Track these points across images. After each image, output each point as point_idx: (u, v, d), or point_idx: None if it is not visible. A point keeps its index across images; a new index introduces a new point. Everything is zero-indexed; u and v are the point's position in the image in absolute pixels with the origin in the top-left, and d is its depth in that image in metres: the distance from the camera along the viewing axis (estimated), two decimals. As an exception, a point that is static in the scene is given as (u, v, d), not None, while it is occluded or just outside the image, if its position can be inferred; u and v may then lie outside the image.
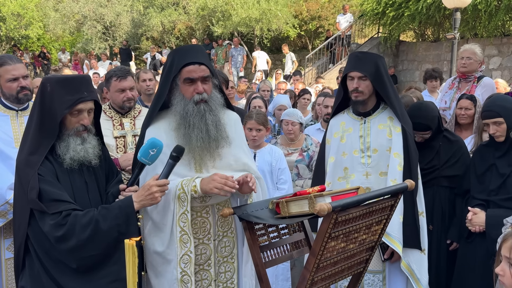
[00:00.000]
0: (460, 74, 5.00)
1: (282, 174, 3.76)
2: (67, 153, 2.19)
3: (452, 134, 3.49)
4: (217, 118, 2.44)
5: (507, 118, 2.98)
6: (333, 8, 17.97)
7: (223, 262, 2.53)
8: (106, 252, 2.14)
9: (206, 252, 2.48)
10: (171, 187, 2.35)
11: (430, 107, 3.34)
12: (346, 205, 1.95)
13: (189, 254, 2.37)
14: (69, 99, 2.16)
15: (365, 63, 2.87)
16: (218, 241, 2.51)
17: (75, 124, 2.21)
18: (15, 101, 3.01)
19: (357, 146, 2.96)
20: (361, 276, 2.44)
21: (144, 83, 4.98)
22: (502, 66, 11.78)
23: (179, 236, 2.36)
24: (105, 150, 2.48)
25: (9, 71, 2.95)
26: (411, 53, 14.45)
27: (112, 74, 3.32)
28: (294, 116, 4.17)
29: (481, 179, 3.10)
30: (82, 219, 2.10)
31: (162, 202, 2.34)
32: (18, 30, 22.07)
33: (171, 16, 19.49)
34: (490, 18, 11.43)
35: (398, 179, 2.75)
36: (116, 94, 3.28)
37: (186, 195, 2.34)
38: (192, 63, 2.40)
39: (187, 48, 2.54)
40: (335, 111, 3.16)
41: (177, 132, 2.42)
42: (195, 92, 2.40)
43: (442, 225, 3.28)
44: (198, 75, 2.40)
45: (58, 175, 2.19)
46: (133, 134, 3.31)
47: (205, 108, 2.41)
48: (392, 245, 2.77)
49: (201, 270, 2.47)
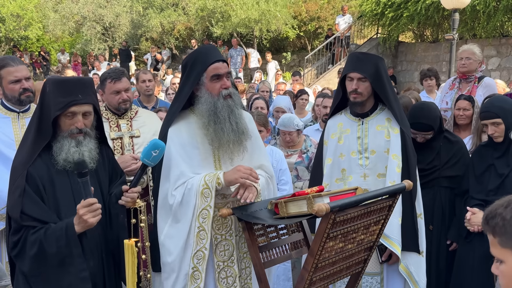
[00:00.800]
0: (460, 75, 5.00)
1: (283, 175, 3.76)
2: (60, 154, 2.20)
3: (453, 135, 3.49)
4: (240, 112, 2.57)
5: (505, 119, 3.00)
6: (332, 9, 17.99)
7: (243, 258, 2.58)
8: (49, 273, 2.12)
9: (229, 248, 2.52)
10: (193, 183, 2.43)
11: (432, 108, 3.34)
12: (344, 205, 1.96)
13: (204, 251, 2.42)
14: (62, 101, 2.18)
15: (365, 64, 2.85)
16: (239, 237, 2.56)
17: (70, 127, 2.22)
18: (17, 102, 3.01)
19: (354, 147, 2.93)
20: (359, 276, 2.45)
21: (144, 83, 4.99)
22: (501, 66, 11.80)
23: (197, 232, 2.42)
24: (109, 151, 2.49)
25: (11, 72, 2.95)
26: (410, 53, 14.47)
27: (107, 76, 3.29)
28: (290, 126, 4.11)
29: (479, 179, 3.11)
30: (30, 237, 2.10)
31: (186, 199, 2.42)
32: (18, 31, 22.06)
33: (171, 17, 19.49)
34: (489, 19, 11.45)
35: (396, 181, 2.73)
36: (111, 96, 3.26)
37: (210, 190, 2.41)
38: (217, 61, 2.51)
39: (208, 48, 2.69)
40: (333, 111, 3.15)
41: (207, 129, 2.50)
42: (222, 88, 2.50)
43: (442, 226, 3.28)
44: (224, 71, 2.52)
45: (54, 176, 2.20)
46: (130, 135, 3.29)
47: (232, 103, 2.52)
48: (391, 247, 2.76)
49: (226, 266, 2.51)
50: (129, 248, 1.49)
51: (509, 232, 1.17)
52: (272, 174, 2.73)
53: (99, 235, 2.29)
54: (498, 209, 1.21)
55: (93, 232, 2.23)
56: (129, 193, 2.25)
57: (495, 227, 1.20)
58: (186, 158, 2.49)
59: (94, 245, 2.26)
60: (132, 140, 3.27)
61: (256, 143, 2.68)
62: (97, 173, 2.35)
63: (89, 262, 2.18)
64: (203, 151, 2.53)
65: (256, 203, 2.45)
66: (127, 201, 2.25)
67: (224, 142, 2.48)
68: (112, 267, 2.35)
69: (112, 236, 2.32)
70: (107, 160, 2.42)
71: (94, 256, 2.26)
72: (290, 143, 4.18)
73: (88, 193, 2.09)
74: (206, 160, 2.53)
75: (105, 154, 2.42)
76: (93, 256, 2.24)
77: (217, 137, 2.48)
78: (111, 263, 2.35)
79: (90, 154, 2.25)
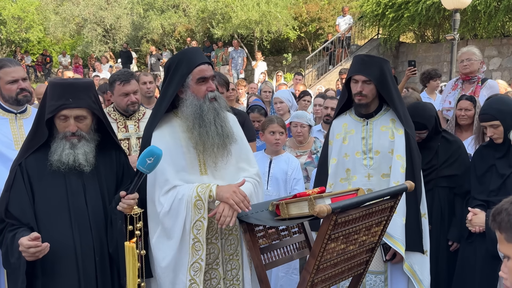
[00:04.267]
0: (463, 76, 5.02)
1: (296, 184, 3.69)
2: (54, 155, 2.24)
3: (451, 135, 3.51)
4: (226, 115, 2.53)
5: (504, 121, 3.00)
6: (333, 10, 18.00)
7: (229, 260, 2.55)
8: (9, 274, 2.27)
9: (214, 251, 2.50)
10: (185, 191, 2.37)
11: (427, 107, 3.36)
12: (346, 206, 1.96)
13: (200, 262, 2.38)
14: (53, 104, 2.23)
15: (370, 67, 2.86)
16: (225, 240, 2.53)
17: (64, 129, 2.27)
18: (15, 103, 3.04)
19: (359, 147, 2.95)
20: (361, 277, 2.44)
21: (145, 85, 4.98)
22: (502, 66, 11.78)
23: (192, 244, 2.37)
24: (122, 155, 2.49)
25: (9, 73, 2.99)
26: (411, 54, 14.45)
27: (116, 78, 3.34)
28: (303, 118, 4.12)
29: (481, 180, 3.11)
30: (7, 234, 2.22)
31: (175, 209, 2.36)
32: (19, 34, 22.12)
33: (171, 18, 19.51)
34: (490, 19, 11.44)
35: (400, 181, 2.74)
36: (120, 98, 3.31)
37: (203, 202, 2.35)
38: (203, 63, 2.47)
39: (192, 50, 2.64)
40: (338, 112, 3.15)
41: (191, 132, 2.45)
42: (208, 91, 2.47)
43: (441, 225, 3.29)
44: (209, 74, 2.48)
45: (46, 175, 2.25)
46: (137, 136, 3.34)
47: (218, 105, 2.49)
48: (395, 247, 2.77)
49: (210, 269, 2.49)
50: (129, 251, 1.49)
51: None
52: (259, 178, 2.64)
53: (93, 239, 2.28)
54: (504, 205, 1.22)
55: (86, 235, 2.25)
56: (125, 199, 2.23)
57: (501, 223, 1.20)
58: (171, 162, 2.41)
59: (87, 249, 2.26)
60: (139, 141, 3.29)
61: (241, 147, 2.62)
62: (99, 176, 2.35)
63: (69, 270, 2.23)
64: (188, 155, 2.47)
65: (257, 204, 2.44)
66: (124, 207, 2.23)
67: (208, 145, 2.42)
68: (108, 272, 2.33)
69: (111, 241, 2.31)
70: (116, 164, 2.43)
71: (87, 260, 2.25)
72: (300, 136, 4.13)
73: (133, 188, 2.22)
74: (191, 164, 2.47)
75: (114, 158, 2.43)
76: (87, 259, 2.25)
77: (201, 141, 2.42)
78: (107, 267, 2.33)
79: (86, 157, 2.27)
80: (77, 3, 21.07)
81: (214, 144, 2.43)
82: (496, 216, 1.22)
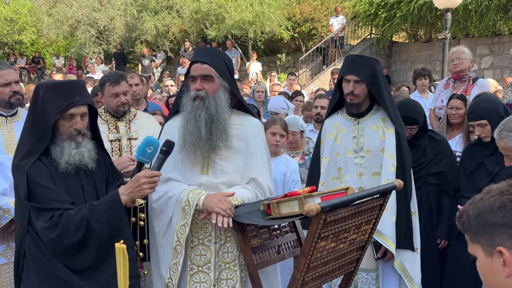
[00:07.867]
0: (455, 75, 5.07)
1: (294, 186, 3.69)
2: (62, 157, 2.21)
3: (437, 134, 3.57)
4: (213, 117, 2.43)
5: (491, 119, 3.04)
6: (326, 10, 18.03)
7: (224, 268, 2.47)
8: (101, 249, 2.15)
9: (206, 254, 2.47)
10: (176, 192, 2.40)
11: (417, 103, 3.46)
12: (335, 205, 1.98)
13: (177, 266, 2.42)
14: (60, 104, 2.18)
15: (362, 67, 2.89)
16: (220, 245, 2.48)
17: (69, 129, 2.23)
18: (7, 106, 3.02)
19: (350, 146, 2.99)
20: (352, 275, 2.46)
21: (131, 88, 4.97)
22: (494, 65, 11.86)
23: (174, 245, 2.42)
24: (105, 155, 2.49)
25: (2, 76, 2.96)
26: (404, 53, 14.53)
27: (106, 79, 3.33)
28: (294, 126, 4.11)
29: (470, 178, 3.15)
30: (74, 218, 2.11)
31: (161, 205, 2.40)
32: (12, 35, 21.99)
33: (165, 19, 19.46)
34: (481, 18, 11.52)
35: (391, 180, 2.76)
36: (110, 99, 3.30)
37: (190, 209, 2.37)
38: (196, 62, 2.47)
39: (199, 49, 2.73)
40: (330, 112, 3.18)
41: (186, 131, 2.46)
42: (193, 89, 2.47)
43: (430, 223, 3.32)
44: (198, 73, 2.45)
45: (54, 178, 2.21)
46: (128, 137, 3.32)
47: (199, 105, 2.44)
48: (385, 244, 2.80)
49: (199, 272, 2.46)
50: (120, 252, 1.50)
51: (474, 227, 1.19)
52: (265, 190, 2.54)
53: None
54: (465, 207, 1.24)
55: None
56: None
57: (463, 225, 1.23)
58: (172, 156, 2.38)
59: None
60: (130, 142, 3.29)
61: (251, 154, 2.53)
62: (92, 175, 2.36)
63: None
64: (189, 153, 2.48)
65: (248, 205, 2.46)
66: None
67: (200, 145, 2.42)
68: None
69: None
70: (103, 164, 2.43)
71: None
72: (293, 144, 4.17)
73: (157, 168, 2.22)
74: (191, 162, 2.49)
75: (101, 157, 2.43)
76: None
77: (191, 140, 2.43)
78: None
79: (90, 155, 2.28)
80: (70, 4, 20.98)
81: (190, 142, 2.42)
82: (459, 218, 1.24)
